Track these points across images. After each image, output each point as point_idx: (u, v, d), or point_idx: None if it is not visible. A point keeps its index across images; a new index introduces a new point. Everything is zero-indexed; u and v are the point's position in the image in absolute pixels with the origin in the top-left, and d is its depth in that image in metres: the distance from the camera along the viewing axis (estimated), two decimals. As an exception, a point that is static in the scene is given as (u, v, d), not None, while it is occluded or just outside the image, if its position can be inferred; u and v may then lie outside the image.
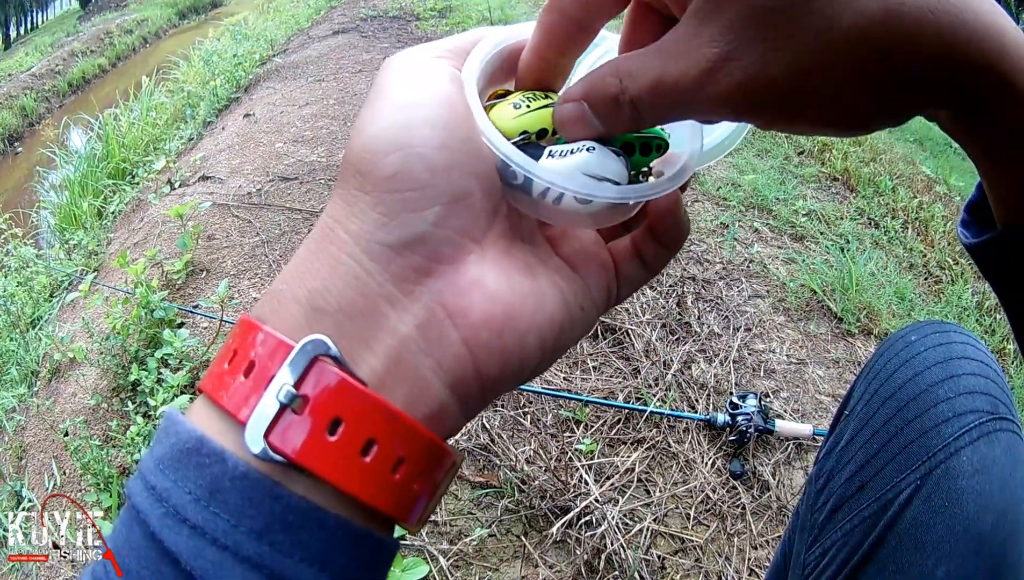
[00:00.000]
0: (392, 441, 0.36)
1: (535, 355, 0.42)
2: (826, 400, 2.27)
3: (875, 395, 0.94)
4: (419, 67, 0.42)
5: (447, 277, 0.39)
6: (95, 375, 2.48)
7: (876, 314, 2.65)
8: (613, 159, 0.44)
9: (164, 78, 7.31)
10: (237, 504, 0.34)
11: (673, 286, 2.62)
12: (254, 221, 3.17)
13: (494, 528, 1.77)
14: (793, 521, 1.09)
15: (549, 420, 2.03)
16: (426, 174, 0.38)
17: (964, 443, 0.82)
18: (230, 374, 0.37)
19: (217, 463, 0.35)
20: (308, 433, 0.35)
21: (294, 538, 0.34)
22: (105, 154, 5.19)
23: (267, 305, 0.39)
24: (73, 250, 3.92)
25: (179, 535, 0.34)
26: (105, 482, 2.01)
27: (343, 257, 0.38)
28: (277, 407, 0.35)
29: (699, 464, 1.96)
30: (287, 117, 4.48)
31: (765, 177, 3.56)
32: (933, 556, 0.79)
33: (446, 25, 6.43)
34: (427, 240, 0.38)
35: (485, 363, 0.40)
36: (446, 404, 0.39)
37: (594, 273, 0.47)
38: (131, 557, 0.35)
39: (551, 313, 0.42)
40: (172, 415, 0.38)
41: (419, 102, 0.40)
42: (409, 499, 0.38)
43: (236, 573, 0.33)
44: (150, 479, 0.36)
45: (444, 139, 0.39)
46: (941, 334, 0.95)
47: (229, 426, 0.36)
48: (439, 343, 0.39)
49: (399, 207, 0.38)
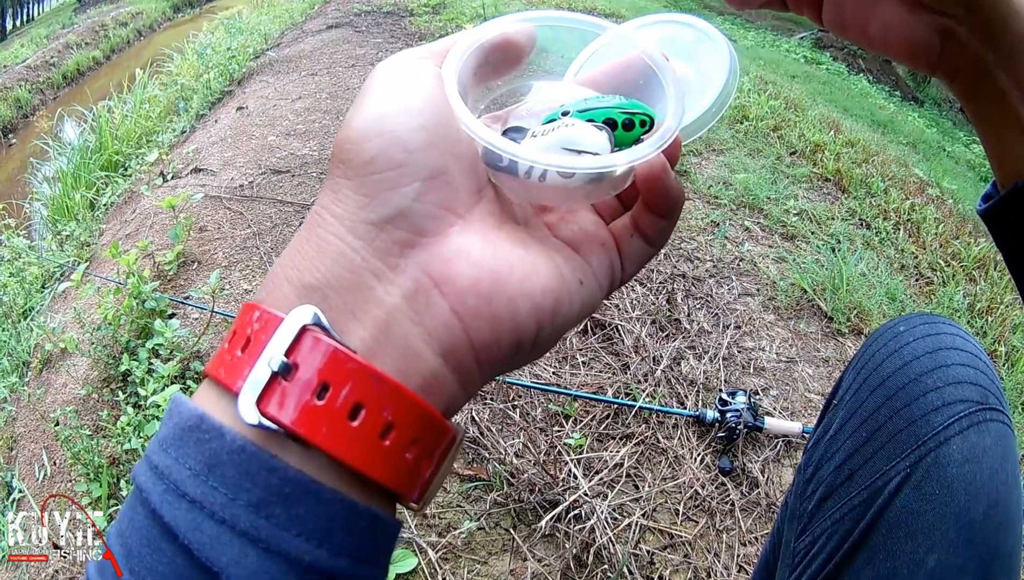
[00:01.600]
0: (380, 404, 0.37)
1: (530, 323, 0.42)
2: (815, 398, 2.27)
3: (864, 384, 0.94)
4: (402, 68, 0.44)
5: (431, 248, 0.40)
6: (86, 365, 2.48)
7: (866, 314, 2.65)
8: (595, 132, 0.45)
9: (158, 71, 7.30)
10: (234, 477, 0.35)
11: (663, 283, 2.62)
12: (246, 213, 3.17)
13: (483, 521, 1.77)
14: (782, 512, 1.10)
15: (538, 414, 2.04)
16: (403, 155, 0.40)
17: (954, 432, 0.83)
18: (229, 352, 0.38)
19: (216, 438, 0.35)
20: (298, 398, 0.36)
21: (291, 511, 0.35)
22: (98, 146, 5.17)
23: (264, 288, 0.41)
24: (65, 241, 3.91)
25: (178, 510, 0.34)
26: (95, 472, 2.00)
27: (330, 237, 0.39)
28: (269, 375, 0.36)
29: (688, 460, 1.97)
30: (280, 111, 4.47)
31: (757, 176, 3.57)
32: (925, 544, 0.79)
33: (440, 21, 6.42)
34: (408, 215, 0.40)
35: (475, 329, 0.40)
36: (440, 373, 0.40)
37: (595, 252, 0.47)
38: (134, 537, 0.35)
39: (544, 282, 0.43)
40: (177, 398, 0.38)
41: (398, 94, 0.42)
42: (404, 469, 0.38)
43: (234, 547, 0.34)
44: (153, 459, 0.37)
45: (420, 122, 0.41)
46: (930, 325, 0.96)
47: (228, 402, 0.37)
48: (427, 311, 0.39)
49: (379, 187, 0.39)
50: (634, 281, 2.60)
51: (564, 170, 0.43)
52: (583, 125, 0.45)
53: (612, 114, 0.47)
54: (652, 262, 2.72)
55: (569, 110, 0.48)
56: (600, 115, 0.47)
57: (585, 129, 0.45)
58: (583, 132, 0.45)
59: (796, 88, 6.20)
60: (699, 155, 3.84)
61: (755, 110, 4.54)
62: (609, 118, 0.47)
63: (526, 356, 0.44)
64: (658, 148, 0.45)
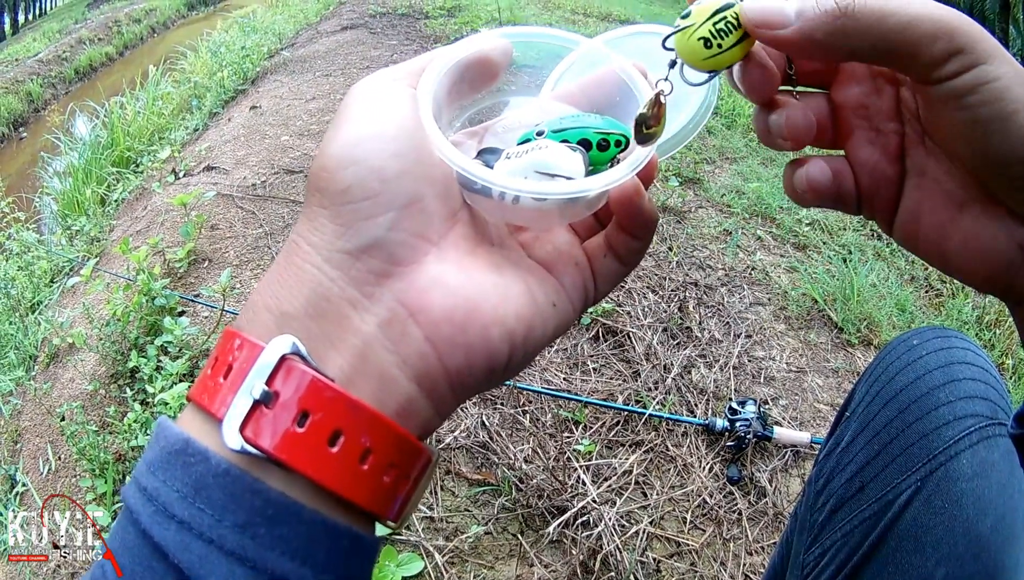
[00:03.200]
0: (358, 431, 0.38)
1: (502, 349, 0.43)
2: (824, 409, 2.27)
3: (877, 397, 0.94)
4: (377, 91, 0.46)
5: (406, 278, 0.42)
6: (94, 361, 2.48)
7: (876, 325, 2.65)
8: (568, 155, 0.46)
9: (171, 68, 7.33)
10: (220, 499, 0.36)
11: (675, 291, 2.62)
12: (258, 212, 3.17)
13: (490, 526, 1.77)
14: (791, 523, 1.09)
15: (548, 420, 2.03)
16: (377, 184, 0.41)
17: (964, 446, 0.83)
18: (211, 378, 0.40)
19: (201, 462, 0.37)
20: (278, 425, 0.37)
21: (274, 532, 0.36)
22: (110, 142, 5.19)
23: (244, 316, 0.42)
24: (75, 236, 3.93)
25: (167, 530, 0.36)
26: (100, 468, 2.01)
27: (307, 266, 0.41)
28: (251, 403, 0.37)
29: (697, 468, 1.96)
30: (293, 110, 4.48)
31: (769, 185, 3.56)
32: (933, 558, 0.79)
33: (455, 24, 6.43)
34: (383, 244, 0.41)
35: (449, 356, 0.42)
36: (414, 399, 0.42)
37: (568, 272, 0.49)
38: (126, 556, 0.37)
39: (516, 308, 0.44)
40: (162, 422, 0.40)
41: (371, 120, 0.43)
42: (382, 492, 0.40)
43: (222, 566, 0.35)
44: (142, 481, 0.38)
45: (394, 149, 0.42)
46: (943, 339, 0.96)
47: (212, 427, 0.39)
48: (402, 340, 0.41)
49: (353, 217, 0.41)
50: (646, 289, 2.60)
51: (536, 196, 0.44)
52: (557, 147, 0.46)
53: (586, 134, 0.48)
54: (664, 270, 2.72)
55: (544, 130, 0.48)
56: (574, 136, 0.48)
57: (558, 152, 0.46)
58: (556, 155, 0.45)
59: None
60: (712, 163, 3.84)
61: (767, 119, 4.53)
62: (584, 139, 0.48)
63: (499, 378, 0.46)
64: (631, 172, 0.45)
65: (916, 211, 0.49)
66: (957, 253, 0.47)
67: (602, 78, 0.53)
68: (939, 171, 0.47)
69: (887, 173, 0.49)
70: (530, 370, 2.21)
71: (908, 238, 0.50)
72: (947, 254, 0.48)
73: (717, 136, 4.20)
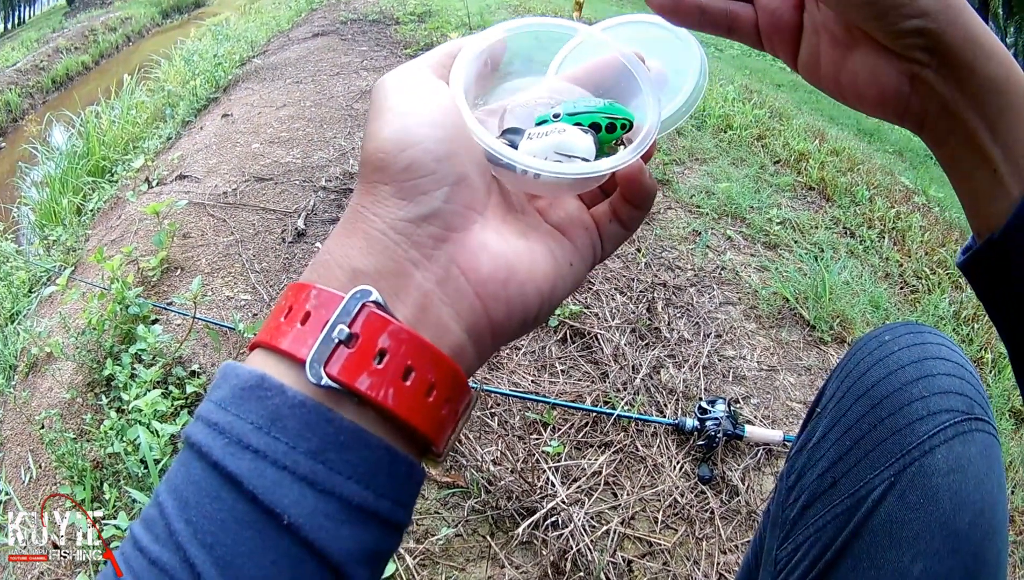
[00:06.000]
0: (426, 368, 0.44)
1: (535, 302, 0.51)
2: (797, 407, 2.28)
3: (848, 393, 0.94)
4: (410, 82, 0.51)
5: (459, 242, 0.48)
6: (71, 369, 2.48)
7: (850, 322, 2.66)
8: (582, 137, 0.53)
9: (146, 77, 7.31)
10: (296, 428, 0.41)
11: (643, 292, 2.63)
12: (229, 220, 3.17)
13: (460, 528, 1.77)
14: (764, 519, 1.09)
15: (516, 422, 2.04)
16: (433, 164, 0.47)
17: (939, 442, 0.82)
18: (287, 324, 0.44)
19: (278, 395, 0.41)
20: (360, 363, 0.42)
21: (344, 457, 0.41)
22: (86, 151, 5.19)
23: (314, 272, 0.47)
24: (52, 246, 3.93)
25: (241, 460, 0.40)
26: (79, 475, 2.01)
27: (374, 232, 0.46)
28: (334, 344, 0.42)
29: (667, 468, 1.98)
30: (264, 118, 4.48)
31: (740, 185, 3.58)
32: (909, 553, 0.79)
33: (425, 30, 6.42)
34: (440, 214, 0.47)
35: (493, 309, 0.49)
36: (464, 345, 0.48)
37: (579, 235, 0.56)
38: (190, 489, 0.40)
39: (543, 269, 0.52)
40: (230, 365, 0.45)
41: (416, 110, 0.49)
42: (440, 421, 0.45)
43: (293, 489, 0.39)
44: (211, 418, 0.42)
45: (442, 135, 0.48)
46: (915, 334, 0.95)
47: (287, 366, 0.43)
48: (456, 294, 0.47)
49: (414, 191, 0.47)
50: (614, 290, 2.61)
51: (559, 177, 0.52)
52: (572, 130, 0.53)
53: (597, 119, 0.55)
54: (633, 271, 2.73)
55: (560, 112, 0.55)
56: (587, 119, 0.55)
57: (574, 135, 0.53)
58: (573, 138, 0.53)
59: (782, 97, 6.20)
60: (682, 164, 3.86)
61: (739, 119, 4.56)
62: (594, 122, 0.55)
63: (529, 328, 0.53)
64: (635, 156, 0.53)
65: (814, 52, 0.58)
66: (851, 85, 0.57)
67: (605, 64, 0.60)
68: (828, 20, 0.56)
69: (786, 18, 0.58)
70: (498, 373, 2.22)
71: (811, 73, 0.60)
72: (842, 86, 0.58)
73: (687, 137, 4.22)
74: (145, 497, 1.80)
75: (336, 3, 8.59)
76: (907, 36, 0.51)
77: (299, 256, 2.90)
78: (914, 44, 0.51)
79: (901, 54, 0.52)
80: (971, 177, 0.55)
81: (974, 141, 0.53)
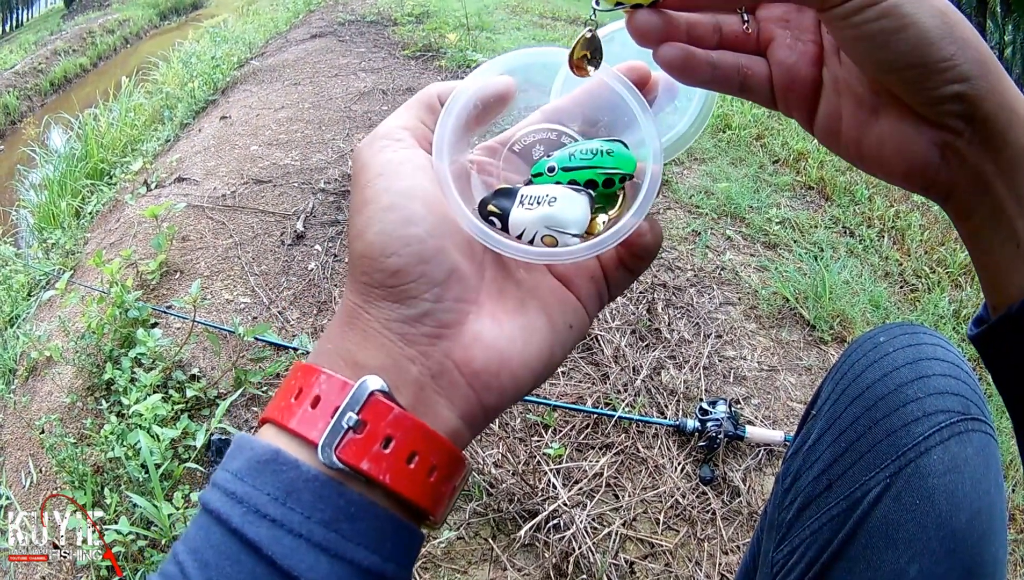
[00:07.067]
0: (429, 453, 0.47)
1: (528, 383, 0.53)
2: (798, 407, 2.28)
3: (843, 395, 0.94)
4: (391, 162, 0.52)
5: (452, 338, 0.50)
6: (71, 373, 2.47)
7: (850, 322, 2.66)
8: (575, 206, 0.53)
9: (144, 79, 7.28)
10: (310, 500, 0.44)
11: (643, 293, 2.63)
12: (228, 223, 3.17)
13: (462, 531, 1.77)
14: (761, 521, 1.09)
15: (517, 424, 2.04)
16: (420, 267, 0.49)
17: (935, 442, 0.82)
18: (297, 406, 0.48)
19: (292, 470, 0.45)
20: (367, 447, 0.45)
21: (354, 527, 0.45)
22: (84, 154, 5.17)
23: (320, 358, 0.51)
24: (51, 249, 3.91)
25: (260, 527, 0.43)
26: (80, 480, 2.00)
27: (371, 331, 0.49)
28: (343, 430, 0.45)
29: (668, 469, 1.97)
30: (263, 120, 4.48)
31: (739, 185, 3.57)
32: (906, 554, 0.79)
33: (423, 31, 6.40)
34: (431, 314, 0.49)
35: (486, 397, 0.51)
36: (459, 429, 0.51)
37: (584, 285, 0.57)
38: (210, 552, 0.43)
39: (539, 346, 0.53)
40: (244, 437, 0.48)
41: (398, 204, 0.50)
42: (439, 497, 0.49)
43: (310, 555, 0.43)
44: (228, 487, 0.45)
45: (427, 230, 0.49)
46: (911, 335, 0.95)
47: (299, 444, 0.47)
48: (450, 387, 0.50)
49: (403, 295, 0.49)
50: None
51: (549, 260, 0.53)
52: (564, 197, 0.53)
53: (592, 175, 0.54)
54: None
55: (554, 166, 0.55)
56: (583, 176, 0.55)
57: (566, 204, 0.53)
58: (565, 209, 0.52)
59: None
60: (681, 164, 3.85)
61: (738, 119, 4.55)
62: (590, 180, 0.55)
63: (522, 398, 0.59)
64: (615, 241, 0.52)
65: (834, 114, 0.54)
66: (875, 153, 0.53)
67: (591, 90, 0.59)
68: (852, 79, 0.52)
69: (803, 74, 0.54)
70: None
71: (829, 138, 0.56)
72: (865, 154, 0.54)
73: (687, 137, 4.20)
74: (146, 502, 1.79)
75: (334, 4, 8.58)
76: (945, 102, 0.47)
77: (298, 258, 2.90)
78: (951, 111, 0.48)
79: (935, 121, 0.49)
80: (992, 251, 0.52)
81: (1002, 215, 0.50)
